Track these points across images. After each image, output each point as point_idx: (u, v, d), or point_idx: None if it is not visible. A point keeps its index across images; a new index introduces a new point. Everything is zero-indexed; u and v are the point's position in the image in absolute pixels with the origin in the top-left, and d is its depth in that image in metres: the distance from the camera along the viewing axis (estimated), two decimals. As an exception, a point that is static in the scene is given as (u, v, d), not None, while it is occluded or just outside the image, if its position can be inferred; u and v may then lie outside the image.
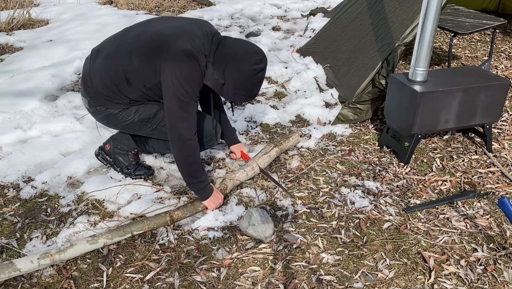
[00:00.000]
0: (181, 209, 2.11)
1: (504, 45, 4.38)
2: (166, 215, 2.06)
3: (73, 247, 1.85)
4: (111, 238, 1.93)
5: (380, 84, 2.86)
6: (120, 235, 1.95)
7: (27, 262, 1.77)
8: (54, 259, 1.81)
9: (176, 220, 2.08)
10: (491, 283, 1.81)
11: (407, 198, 2.30)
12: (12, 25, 4.80)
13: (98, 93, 2.13)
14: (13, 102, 3.11)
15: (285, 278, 1.82)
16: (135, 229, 1.98)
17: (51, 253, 1.81)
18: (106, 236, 1.93)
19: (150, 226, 2.01)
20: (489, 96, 2.51)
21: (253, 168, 2.39)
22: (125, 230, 1.96)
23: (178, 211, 2.09)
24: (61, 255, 1.82)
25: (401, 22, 2.95)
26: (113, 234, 1.94)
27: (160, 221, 2.04)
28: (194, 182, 2.10)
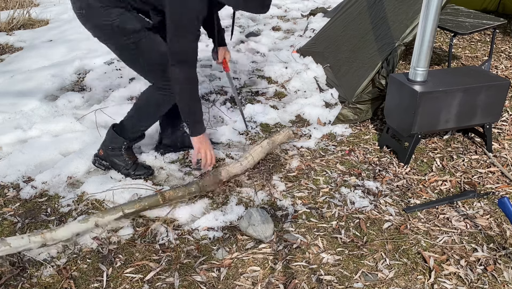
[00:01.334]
0: (173, 189, 2.13)
1: (504, 45, 4.38)
2: (158, 194, 2.08)
3: (64, 226, 1.88)
4: (102, 217, 1.96)
5: (380, 84, 2.86)
6: (111, 214, 1.97)
7: (17, 238, 1.80)
8: (45, 237, 1.83)
9: (168, 198, 2.09)
10: (491, 283, 1.81)
11: (407, 198, 2.30)
12: (12, 25, 4.80)
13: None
14: (13, 102, 3.11)
15: (285, 278, 1.83)
16: (126, 208, 2.00)
17: (42, 232, 1.84)
18: (97, 215, 1.96)
19: (141, 204, 2.04)
20: (489, 96, 2.51)
21: (247, 158, 2.39)
22: (116, 209, 1.99)
23: (170, 191, 2.11)
24: (52, 233, 1.85)
25: (401, 22, 2.95)
26: (104, 213, 1.97)
27: (152, 200, 2.07)
28: (193, 111, 2.09)
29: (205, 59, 4.03)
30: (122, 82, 3.51)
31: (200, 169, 2.38)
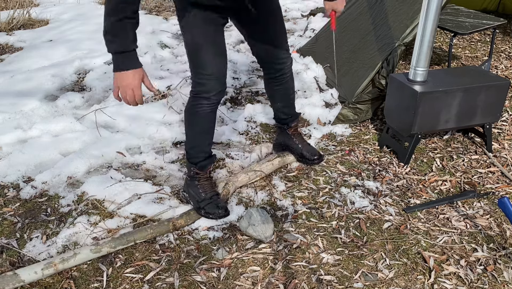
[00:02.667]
0: (184, 217, 2.11)
1: (504, 45, 4.38)
2: (169, 224, 2.06)
3: (76, 256, 1.87)
4: (114, 247, 1.94)
5: (380, 84, 2.86)
6: (123, 244, 1.96)
7: (31, 273, 1.79)
8: (58, 268, 1.83)
9: (179, 227, 2.08)
10: (491, 283, 1.81)
11: (407, 198, 2.30)
12: (12, 25, 4.80)
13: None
14: (13, 102, 3.11)
15: (285, 278, 1.83)
16: (138, 238, 1.99)
17: (54, 263, 1.82)
18: (110, 245, 1.94)
19: (153, 233, 2.03)
20: (489, 96, 2.51)
21: (256, 172, 2.39)
22: (128, 239, 1.98)
23: (181, 219, 2.09)
24: (64, 264, 1.84)
25: (401, 22, 2.95)
26: (116, 243, 1.95)
27: (163, 229, 2.04)
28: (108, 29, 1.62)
29: (205, 59, 4.03)
30: (122, 82, 3.51)
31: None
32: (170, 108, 3.09)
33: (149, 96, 3.31)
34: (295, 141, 2.49)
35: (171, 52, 4.17)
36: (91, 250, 1.90)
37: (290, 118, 2.45)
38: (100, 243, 1.93)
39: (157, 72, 3.67)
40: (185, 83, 3.45)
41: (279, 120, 2.48)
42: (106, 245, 1.93)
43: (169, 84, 3.45)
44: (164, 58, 4.04)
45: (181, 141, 2.78)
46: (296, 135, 2.49)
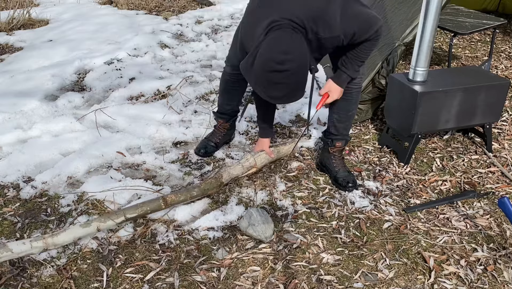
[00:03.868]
0: (175, 193, 2.10)
1: (504, 45, 4.38)
2: (160, 199, 2.06)
3: (66, 231, 1.86)
4: (104, 222, 1.93)
5: (380, 84, 2.86)
6: (113, 219, 1.95)
7: (19, 243, 1.79)
8: (47, 242, 1.82)
9: (170, 203, 2.07)
10: (491, 283, 1.81)
11: (407, 198, 2.30)
12: (12, 25, 4.80)
13: None
14: (13, 102, 3.11)
15: (285, 278, 1.83)
16: (128, 213, 1.98)
17: (43, 236, 1.82)
18: (99, 219, 1.93)
19: (143, 209, 2.02)
20: (489, 96, 2.50)
21: (250, 162, 2.37)
22: (117, 214, 1.96)
23: (171, 195, 2.09)
24: (53, 238, 1.83)
25: (401, 22, 2.94)
26: (106, 218, 1.95)
27: (154, 205, 2.04)
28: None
29: (205, 59, 4.04)
30: (122, 82, 3.51)
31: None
32: (170, 108, 3.09)
33: (149, 96, 3.31)
34: (332, 163, 2.42)
35: (171, 52, 4.17)
36: (81, 225, 1.90)
37: (337, 137, 2.40)
38: (90, 219, 1.94)
39: (157, 72, 3.67)
40: (185, 83, 3.45)
41: (326, 135, 2.45)
42: (95, 220, 1.93)
43: (169, 84, 3.45)
44: (164, 58, 4.04)
45: (181, 141, 2.78)
46: (336, 157, 2.43)
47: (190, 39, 4.54)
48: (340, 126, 2.38)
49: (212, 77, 3.62)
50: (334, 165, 2.41)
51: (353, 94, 2.27)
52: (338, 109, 2.33)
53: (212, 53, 4.17)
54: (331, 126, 2.41)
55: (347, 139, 2.44)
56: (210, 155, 2.60)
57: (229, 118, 2.62)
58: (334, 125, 2.39)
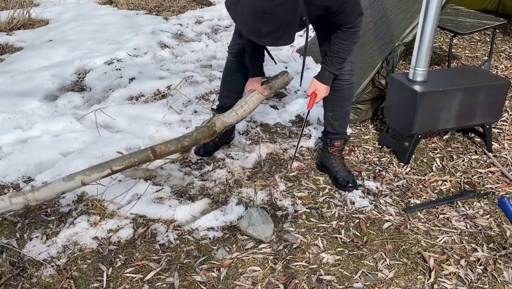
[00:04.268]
0: (165, 144, 1.97)
1: (504, 45, 4.38)
2: (148, 150, 1.93)
3: (47, 186, 1.75)
4: (89, 174, 1.82)
5: (380, 84, 2.86)
6: (99, 171, 1.83)
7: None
8: (28, 198, 1.71)
9: (159, 154, 1.94)
10: (491, 283, 1.81)
11: (407, 198, 2.30)
12: (12, 25, 4.80)
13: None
14: (13, 102, 3.11)
15: (285, 278, 1.83)
16: (114, 164, 1.85)
17: (23, 192, 1.72)
18: (83, 172, 1.81)
19: (131, 160, 1.88)
20: (489, 96, 2.51)
21: (243, 107, 2.24)
22: (103, 166, 1.84)
23: (161, 145, 1.95)
24: (35, 194, 1.72)
25: (401, 21, 2.94)
26: (91, 171, 1.83)
27: (142, 156, 1.91)
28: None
29: (205, 59, 4.03)
30: (122, 82, 3.51)
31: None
32: (170, 108, 3.09)
33: (149, 96, 3.31)
34: (332, 163, 2.42)
35: (171, 52, 4.17)
36: (64, 179, 1.78)
37: (336, 136, 2.41)
38: (73, 173, 1.80)
39: (157, 72, 3.67)
40: (185, 83, 3.45)
41: (326, 134, 2.46)
42: (79, 174, 1.80)
43: (169, 84, 3.45)
44: (164, 58, 4.04)
45: (181, 141, 2.78)
46: (336, 157, 2.43)
47: (190, 39, 4.54)
48: (336, 124, 2.38)
49: (212, 77, 3.62)
50: (334, 165, 2.41)
51: (345, 90, 2.28)
52: (332, 106, 2.35)
53: (212, 53, 4.17)
54: (327, 125, 2.43)
55: (346, 139, 2.44)
56: (209, 155, 2.60)
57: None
58: (330, 123, 2.40)
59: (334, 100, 2.32)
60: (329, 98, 2.32)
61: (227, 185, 2.37)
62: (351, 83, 2.28)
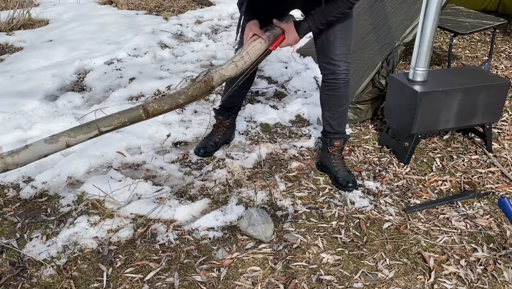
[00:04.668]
0: (158, 101, 1.80)
1: (504, 45, 4.38)
2: (139, 108, 1.76)
3: (28, 148, 1.60)
4: (74, 136, 1.67)
5: (380, 84, 2.86)
6: (85, 132, 1.68)
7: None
8: (6, 162, 1.57)
9: (152, 113, 1.78)
10: (491, 283, 1.81)
11: (407, 198, 2.30)
12: (12, 25, 4.80)
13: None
14: (13, 102, 3.11)
15: (285, 278, 1.83)
16: (102, 125, 1.70)
17: (1, 156, 1.57)
18: (68, 134, 1.65)
19: (121, 120, 1.72)
20: (489, 96, 2.51)
21: (243, 58, 2.02)
22: (90, 126, 1.69)
23: (153, 103, 1.78)
24: (14, 157, 1.58)
25: (401, 22, 2.95)
26: (76, 132, 1.67)
27: (133, 115, 1.75)
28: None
29: (205, 59, 4.04)
30: (122, 82, 3.51)
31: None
32: (170, 108, 3.09)
33: (149, 96, 3.31)
34: (332, 163, 2.41)
35: (171, 52, 4.17)
36: (46, 141, 1.63)
37: (335, 136, 2.40)
38: (56, 134, 1.66)
39: (157, 72, 3.67)
40: (185, 83, 3.45)
41: (325, 133, 2.45)
42: (63, 135, 1.65)
43: (169, 84, 3.45)
44: (164, 58, 4.04)
45: (181, 141, 2.78)
46: (336, 157, 2.43)
47: (190, 39, 4.54)
48: (334, 123, 2.38)
49: (212, 77, 3.62)
50: (334, 164, 2.41)
51: (341, 89, 2.27)
52: (330, 106, 2.35)
53: (212, 53, 4.17)
54: (326, 125, 2.43)
55: (346, 138, 2.44)
56: (210, 155, 2.60)
57: (229, 116, 2.62)
58: (328, 123, 2.40)
59: (331, 99, 2.32)
60: (325, 98, 2.33)
61: (227, 185, 2.38)
62: (347, 81, 2.28)
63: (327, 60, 2.22)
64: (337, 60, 2.19)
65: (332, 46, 2.17)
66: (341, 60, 2.20)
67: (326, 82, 2.29)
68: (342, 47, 2.18)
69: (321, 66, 2.27)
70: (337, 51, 2.18)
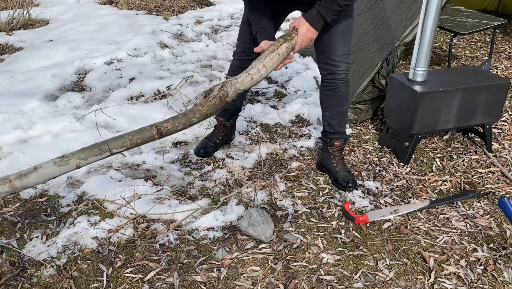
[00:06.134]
0: (171, 121, 1.72)
1: (504, 45, 4.38)
2: (153, 128, 1.70)
3: (37, 171, 1.55)
4: (85, 158, 1.61)
5: (380, 84, 2.86)
6: (96, 154, 1.63)
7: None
8: (15, 185, 1.54)
9: (165, 134, 1.73)
10: (491, 283, 1.81)
11: (407, 198, 2.30)
12: (12, 25, 4.80)
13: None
14: (13, 102, 3.11)
15: (285, 278, 1.83)
16: (114, 146, 1.65)
17: (9, 179, 1.54)
18: (79, 156, 1.60)
19: (133, 141, 1.67)
20: (489, 96, 2.51)
21: (260, 70, 1.91)
22: (101, 148, 1.63)
23: (167, 123, 1.71)
24: (22, 180, 1.54)
25: (401, 21, 2.95)
26: (87, 153, 1.62)
27: (145, 136, 1.69)
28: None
29: (205, 59, 4.04)
30: (122, 82, 3.52)
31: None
32: (170, 108, 3.09)
33: (149, 96, 3.31)
34: (332, 163, 2.41)
35: (171, 52, 4.17)
36: (55, 163, 1.58)
37: (335, 136, 2.40)
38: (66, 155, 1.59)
39: (157, 72, 3.67)
40: (185, 83, 3.45)
41: (325, 133, 2.45)
42: (74, 156, 1.59)
43: (169, 84, 3.45)
44: (164, 58, 4.04)
45: (181, 141, 2.78)
46: (336, 157, 2.42)
47: (190, 39, 4.55)
48: (334, 123, 2.38)
49: (212, 77, 3.62)
50: (334, 165, 2.41)
51: (341, 89, 2.27)
52: (330, 106, 2.35)
53: (212, 53, 4.17)
54: (326, 125, 2.43)
55: (346, 138, 2.44)
56: (210, 155, 2.60)
57: (230, 117, 2.62)
58: (328, 123, 2.40)
59: (331, 99, 2.32)
60: (325, 98, 2.33)
61: (227, 185, 2.38)
62: (347, 81, 2.27)
63: (327, 61, 2.21)
64: (337, 61, 2.19)
65: (333, 47, 2.16)
66: (341, 61, 2.19)
67: (325, 83, 2.28)
68: (342, 48, 2.17)
69: (321, 67, 2.27)
70: (337, 52, 2.17)
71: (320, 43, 2.20)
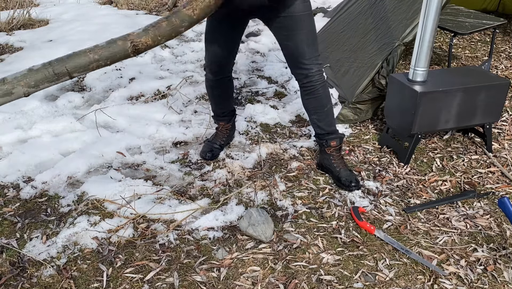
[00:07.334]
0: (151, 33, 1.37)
1: (504, 45, 4.38)
2: (126, 42, 1.34)
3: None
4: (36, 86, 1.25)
5: (380, 84, 2.86)
6: (50, 80, 1.25)
7: None
8: None
9: (143, 50, 1.42)
10: (491, 283, 1.81)
11: (407, 198, 2.30)
12: (12, 25, 4.80)
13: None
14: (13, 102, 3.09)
15: (285, 278, 1.83)
16: (73, 67, 1.25)
17: None
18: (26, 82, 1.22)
19: (100, 61, 1.30)
20: (489, 96, 2.51)
21: None
22: (57, 71, 1.24)
23: (146, 37, 1.40)
24: None
25: (401, 21, 2.95)
26: (38, 79, 1.25)
27: (116, 52, 1.34)
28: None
29: (205, 59, 4.03)
30: (122, 82, 3.52)
31: None
32: (170, 108, 3.09)
33: (149, 96, 3.31)
34: (333, 163, 2.41)
35: (171, 52, 4.17)
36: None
37: (329, 136, 2.40)
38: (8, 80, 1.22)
39: (157, 72, 3.67)
40: (185, 83, 3.45)
41: (318, 136, 2.45)
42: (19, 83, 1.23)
43: (169, 84, 3.45)
44: (164, 58, 4.04)
45: (181, 141, 2.78)
46: (335, 157, 2.42)
47: (190, 39, 4.54)
48: (322, 124, 2.39)
49: (212, 77, 3.62)
50: (335, 165, 2.40)
51: (319, 90, 2.28)
52: (314, 109, 2.36)
53: (212, 53, 4.16)
54: (315, 128, 2.44)
55: (341, 137, 2.44)
56: (216, 158, 2.60)
57: (229, 119, 2.63)
58: (317, 125, 2.41)
59: (312, 103, 2.34)
60: (307, 103, 2.36)
61: (227, 185, 2.38)
62: (323, 81, 2.29)
63: (298, 66, 2.23)
64: (308, 64, 2.21)
65: (301, 52, 2.19)
66: (312, 63, 2.21)
67: (303, 88, 2.31)
68: (311, 51, 2.19)
69: (295, 73, 2.29)
70: (306, 55, 2.19)
71: (288, 52, 2.23)
